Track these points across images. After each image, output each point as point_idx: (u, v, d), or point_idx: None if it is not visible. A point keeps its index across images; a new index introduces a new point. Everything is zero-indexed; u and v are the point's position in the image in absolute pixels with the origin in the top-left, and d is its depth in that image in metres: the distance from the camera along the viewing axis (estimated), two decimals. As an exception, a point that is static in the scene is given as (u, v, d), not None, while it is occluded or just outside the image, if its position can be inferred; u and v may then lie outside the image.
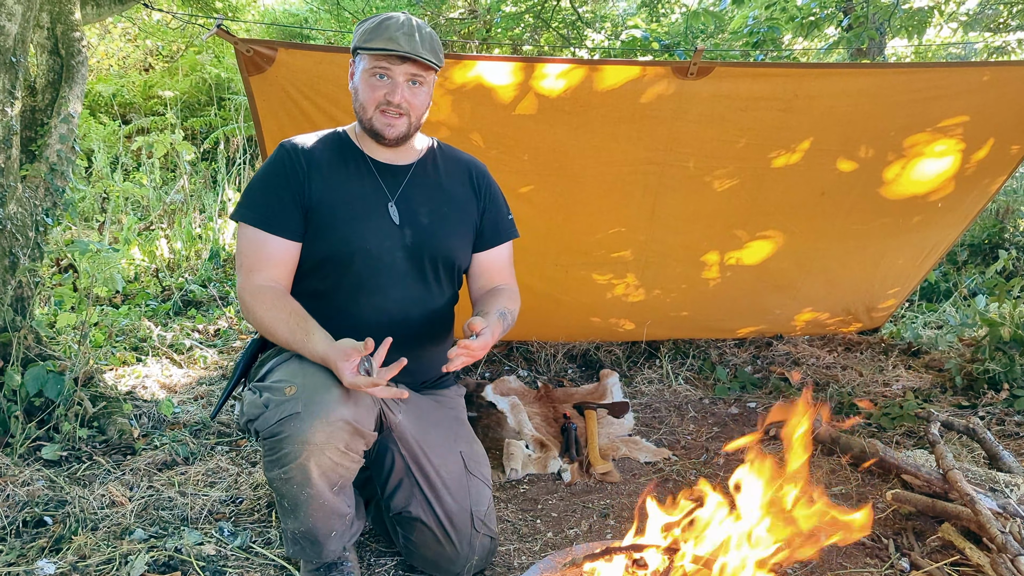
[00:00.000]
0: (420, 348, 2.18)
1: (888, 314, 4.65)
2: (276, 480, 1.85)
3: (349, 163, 2.13)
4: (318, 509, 1.88)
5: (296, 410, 1.79)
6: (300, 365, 1.91)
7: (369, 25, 2.02)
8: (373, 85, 2.02)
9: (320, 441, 1.79)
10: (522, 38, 9.55)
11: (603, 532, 2.46)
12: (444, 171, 2.23)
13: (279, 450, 1.81)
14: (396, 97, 2.01)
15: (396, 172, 2.16)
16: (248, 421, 1.90)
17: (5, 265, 2.83)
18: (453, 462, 2.12)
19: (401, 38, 1.96)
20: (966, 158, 3.55)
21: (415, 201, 2.14)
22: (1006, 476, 2.38)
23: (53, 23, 3.16)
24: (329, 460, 1.82)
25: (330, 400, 1.80)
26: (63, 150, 3.14)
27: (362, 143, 2.16)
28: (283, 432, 1.79)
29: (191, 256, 5.73)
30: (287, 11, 11.67)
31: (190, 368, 3.91)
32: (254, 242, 2.04)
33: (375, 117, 2.04)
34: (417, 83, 2.04)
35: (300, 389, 1.82)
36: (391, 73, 2.00)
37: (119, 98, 8.97)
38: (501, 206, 2.33)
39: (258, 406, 1.86)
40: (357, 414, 1.84)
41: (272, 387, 1.88)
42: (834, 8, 7.04)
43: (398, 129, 2.05)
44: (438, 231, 2.15)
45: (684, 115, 3.18)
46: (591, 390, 3.85)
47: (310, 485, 1.83)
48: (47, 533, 2.23)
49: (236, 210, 2.08)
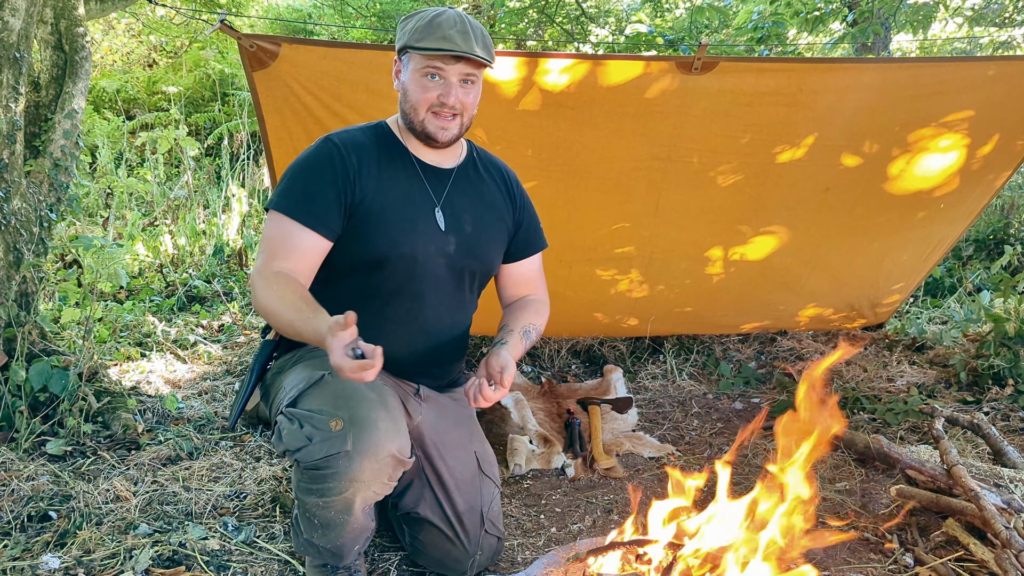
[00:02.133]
0: (446, 352, 2.18)
1: (892, 310, 4.64)
2: (312, 505, 1.83)
3: (396, 162, 2.04)
4: (350, 532, 1.88)
5: (345, 448, 1.74)
6: (336, 392, 1.85)
7: (419, 23, 1.92)
8: (425, 86, 1.93)
9: (368, 479, 1.78)
10: (526, 33, 9.53)
11: (607, 527, 2.46)
12: (484, 176, 2.19)
13: (323, 482, 1.78)
14: (451, 99, 1.93)
15: (441, 175, 2.09)
16: (287, 451, 1.82)
17: (10, 260, 2.84)
18: (468, 462, 2.12)
19: (456, 36, 1.88)
20: (971, 153, 3.54)
21: (459, 207, 2.09)
22: (1011, 472, 2.37)
23: (57, 19, 3.16)
24: (373, 493, 1.83)
25: (379, 438, 1.76)
26: (67, 146, 3.14)
27: (407, 141, 2.07)
28: (330, 468, 1.76)
29: (195, 252, 5.73)
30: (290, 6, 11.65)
31: (194, 364, 3.91)
32: (284, 232, 1.93)
33: (427, 119, 1.96)
34: (470, 82, 1.96)
35: (347, 424, 1.76)
36: (444, 73, 1.92)
37: (123, 94, 8.98)
38: (534, 216, 2.29)
39: (300, 439, 1.78)
40: (402, 445, 1.82)
41: (314, 419, 1.79)
42: (839, 3, 7.01)
43: (451, 132, 1.99)
44: (479, 240, 2.11)
45: (688, 111, 3.17)
46: (595, 386, 3.85)
47: (350, 513, 1.83)
48: (52, 527, 2.24)
49: (275, 199, 1.97)
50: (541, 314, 2.22)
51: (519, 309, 2.21)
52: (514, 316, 2.17)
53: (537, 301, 2.26)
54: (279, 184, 2.01)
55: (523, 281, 2.27)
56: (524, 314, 2.17)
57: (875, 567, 2.17)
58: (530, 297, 2.27)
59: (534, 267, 2.29)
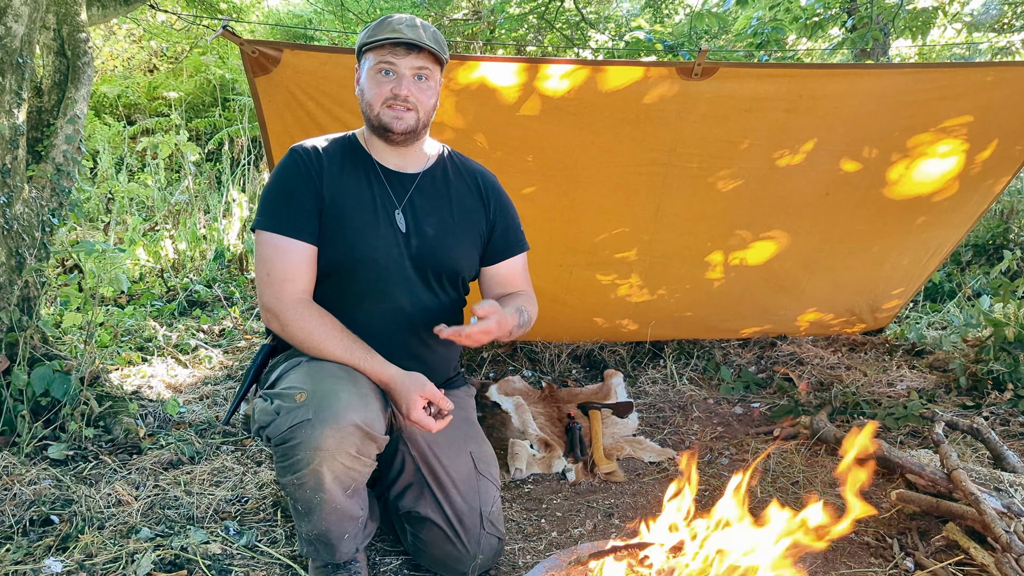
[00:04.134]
0: (429, 351, 2.18)
1: (892, 315, 4.65)
2: (289, 485, 1.86)
3: (358, 168, 2.11)
4: (331, 512, 1.89)
5: (307, 416, 1.79)
6: (309, 371, 1.91)
7: (372, 25, 2.04)
8: (379, 81, 2.02)
9: (331, 447, 1.79)
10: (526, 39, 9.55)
11: (608, 531, 2.46)
12: (453, 180, 2.21)
13: (291, 456, 1.82)
14: (403, 90, 2.00)
15: (404, 179, 2.14)
16: (260, 428, 1.89)
17: (12, 265, 2.85)
18: (463, 462, 2.13)
19: (404, 29, 1.98)
20: (970, 158, 3.55)
21: (421, 210, 2.13)
22: (1010, 476, 2.37)
23: (59, 24, 3.17)
24: (341, 465, 1.83)
25: (340, 406, 1.80)
26: (69, 151, 3.15)
27: (371, 148, 2.14)
28: (294, 439, 1.80)
29: (196, 256, 5.74)
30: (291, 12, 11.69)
31: (195, 368, 3.92)
32: (280, 250, 2.00)
33: (382, 112, 2.03)
34: (423, 78, 2.03)
35: (310, 395, 1.82)
36: (396, 68, 2.00)
37: (124, 99, 9.00)
38: (512, 217, 2.30)
39: (269, 413, 1.86)
40: (367, 418, 1.84)
41: (282, 394, 1.87)
42: (838, 9, 7.04)
43: (406, 122, 2.03)
44: (443, 242, 2.14)
45: (688, 116, 3.19)
46: (595, 390, 3.85)
47: (323, 490, 1.84)
48: (54, 532, 2.24)
49: (258, 220, 2.03)
50: (531, 303, 2.25)
51: (509, 297, 2.24)
52: (505, 301, 2.20)
53: (525, 295, 2.28)
54: (260, 204, 2.08)
55: (506, 283, 2.29)
56: (514, 299, 2.20)
57: (875, 571, 2.18)
58: (517, 291, 2.29)
59: (516, 269, 2.31)
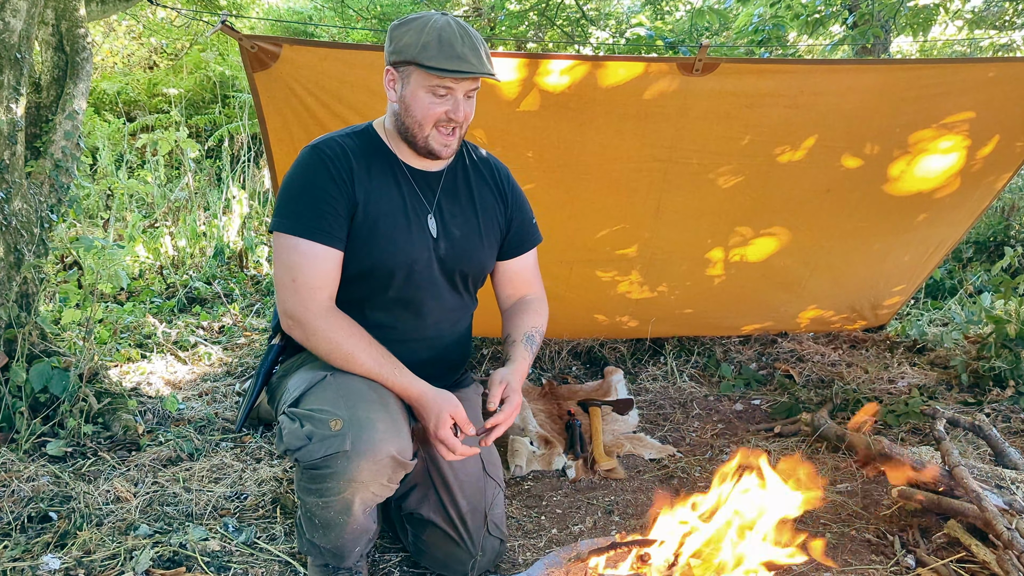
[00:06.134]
0: (449, 355, 2.18)
1: (893, 311, 4.64)
2: (312, 505, 1.85)
3: (386, 169, 2.02)
4: (351, 532, 1.89)
5: (343, 448, 1.75)
6: (340, 392, 1.85)
7: (424, 38, 1.85)
8: (432, 102, 1.90)
9: (366, 479, 1.79)
10: (526, 36, 9.54)
11: (608, 528, 2.46)
12: (472, 176, 2.17)
13: (322, 482, 1.80)
14: (459, 115, 1.91)
15: (430, 179, 2.08)
16: (288, 450, 1.83)
17: (10, 261, 2.84)
18: (472, 463, 2.11)
19: (469, 55, 1.85)
20: (971, 155, 3.54)
21: (449, 212, 2.09)
22: (1012, 473, 2.37)
23: (58, 20, 3.16)
24: (372, 494, 1.84)
25: (377, 438, 1.77)
26: (68, 147, 3.14)
27: (396, 147, 2.05)
28: (329, 467, 1.77)
29: (195, 253, 5.73)
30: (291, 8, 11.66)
31: (194, 365, 3.91)
32: (309, 256, 1.90)
33: (432, 136, 1.94)
34: (473, 94, 1.96)
35: (346, 424, 1.77)
36: (454, 91, 1.89)
37: (123, 96, 8.98)
38: (527, 211, 2.28)
39: (300, 438, 1.79)
40: (402, 447, 1.82)
41: (314, 418, 1.80)
42: (839, 5, 7.02)
43: (453, 148, 1.98)
44: (469, 244, 2.11)
45: (689, 112, 3.17)
46: (595, 387, 3.85)
47: (349, 514, 1.84)
48: (52, 528, 2.23)
49: (282, 223, 1.92)
50: (540, 314, 2.23)
51: (518, 314, 2.21)
52: (514, 323, 2.18)
53: (535, 300, 2.26)
54: (280, 204, 1.97)
55: (519, 278, 2.27)
56: (524, 318, 2.17)
57: (877, 568, 2.17)
58: (527, 298, 2.27)
59: (529, 263, 2.29)
